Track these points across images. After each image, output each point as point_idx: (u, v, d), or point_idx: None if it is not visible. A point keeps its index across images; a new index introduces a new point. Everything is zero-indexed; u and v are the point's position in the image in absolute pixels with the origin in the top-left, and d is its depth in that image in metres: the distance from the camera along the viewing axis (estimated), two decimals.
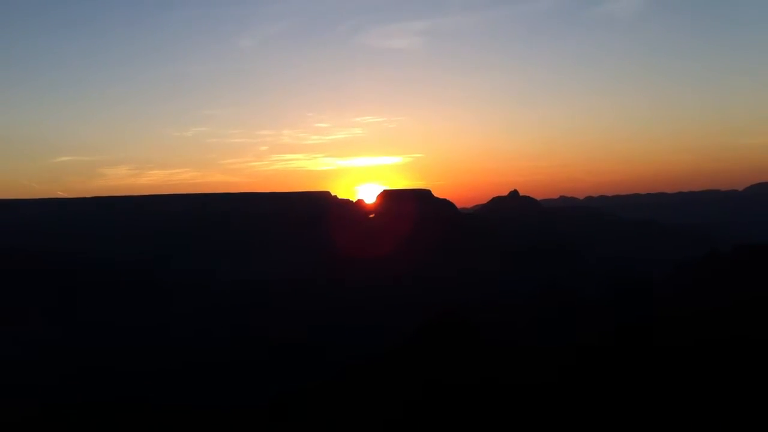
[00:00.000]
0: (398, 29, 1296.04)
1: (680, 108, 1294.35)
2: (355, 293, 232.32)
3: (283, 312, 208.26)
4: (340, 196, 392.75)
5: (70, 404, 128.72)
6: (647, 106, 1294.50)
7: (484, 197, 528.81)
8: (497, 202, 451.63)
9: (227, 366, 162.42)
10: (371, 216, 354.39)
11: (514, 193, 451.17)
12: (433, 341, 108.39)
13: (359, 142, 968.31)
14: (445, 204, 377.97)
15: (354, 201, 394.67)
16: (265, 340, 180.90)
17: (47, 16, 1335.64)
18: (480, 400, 73.59)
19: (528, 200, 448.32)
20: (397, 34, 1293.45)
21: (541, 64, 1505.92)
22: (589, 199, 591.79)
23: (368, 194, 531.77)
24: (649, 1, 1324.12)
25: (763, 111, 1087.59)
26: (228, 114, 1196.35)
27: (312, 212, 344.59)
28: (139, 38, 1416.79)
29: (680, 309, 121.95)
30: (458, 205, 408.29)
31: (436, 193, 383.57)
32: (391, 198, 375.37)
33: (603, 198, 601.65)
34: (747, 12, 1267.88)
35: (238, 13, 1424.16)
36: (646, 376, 67.47)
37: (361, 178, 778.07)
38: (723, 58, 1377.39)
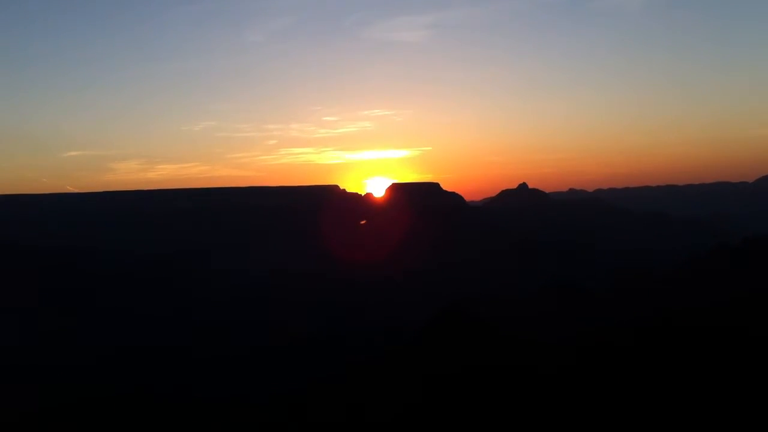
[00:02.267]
0: (405, 22, 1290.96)
1: (690, 99, 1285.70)
2: (362, 286, 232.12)
3: (287, 306, 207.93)
4: (348, 190, 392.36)
5: (80, 397, 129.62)
6: (656, 98, 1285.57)
7: (493, 190, 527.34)
8: (506, 195, 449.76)
9: (229, 360, 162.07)
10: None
11: (522, 186, 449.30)
12: (440, 336, 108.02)
13: (367, 136, 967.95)
14: (454, 197, 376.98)
15: (362, 194, 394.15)
16: (267, 334, 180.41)
17: (56, 13, 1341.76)
18: (486, 392, 73.23)
19: (537, 193, 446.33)
20: (405, 27, 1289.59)
21: (548, 57, 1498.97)
22: (599, 191, 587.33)
23: (377, 187, 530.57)
24: None
25: None
26: (236, 108, 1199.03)
27: (320, 206, 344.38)
28: (148, 34, 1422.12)
29: (689, 301, 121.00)
30: (467, 199, 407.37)
31: (444, 187, 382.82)
32: (399, 191, 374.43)
33: (612, 190, 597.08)
34: (755, 1, 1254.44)
35: (245, 8, 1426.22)
36: (653, 368, 66.90)
37: (370, 171, 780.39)
38: (732, 49, 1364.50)
